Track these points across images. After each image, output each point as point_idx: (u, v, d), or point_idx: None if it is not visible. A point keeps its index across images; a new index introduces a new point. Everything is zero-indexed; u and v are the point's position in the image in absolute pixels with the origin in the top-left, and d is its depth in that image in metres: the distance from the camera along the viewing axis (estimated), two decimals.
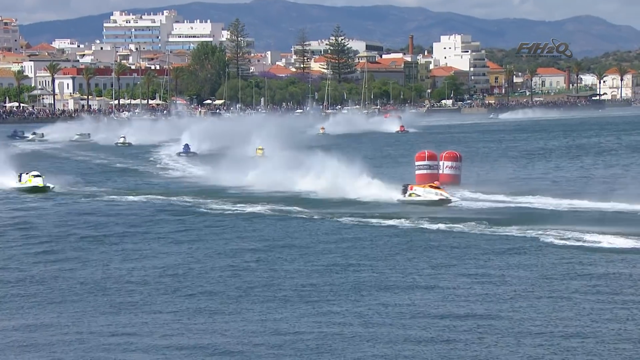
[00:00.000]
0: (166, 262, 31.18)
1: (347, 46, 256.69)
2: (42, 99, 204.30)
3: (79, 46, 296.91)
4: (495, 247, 32.77)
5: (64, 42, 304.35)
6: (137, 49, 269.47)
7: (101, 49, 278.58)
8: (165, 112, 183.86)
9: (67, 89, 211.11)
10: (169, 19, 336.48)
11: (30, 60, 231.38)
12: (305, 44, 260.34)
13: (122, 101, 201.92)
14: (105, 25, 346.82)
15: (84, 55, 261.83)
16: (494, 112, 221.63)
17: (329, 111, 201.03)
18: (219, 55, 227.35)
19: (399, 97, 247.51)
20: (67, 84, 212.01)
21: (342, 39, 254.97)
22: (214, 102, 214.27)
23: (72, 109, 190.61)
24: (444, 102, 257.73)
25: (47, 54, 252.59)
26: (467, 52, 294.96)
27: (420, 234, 36.02)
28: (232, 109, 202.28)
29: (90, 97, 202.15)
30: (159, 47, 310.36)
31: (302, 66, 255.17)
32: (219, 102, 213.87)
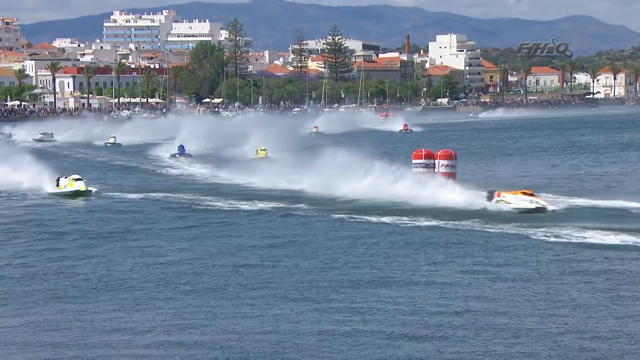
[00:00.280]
0: (168, 258, 31.29)
1: (344, 45, 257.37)
2: (43, 97, 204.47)
3: (79, 45, 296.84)
4: (492, 244, 32.92)
5: (65, 42, 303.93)
6: (136, 48, 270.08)
7: (101, 48, 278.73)
8: (164, 110, 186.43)
9: (68, 87, 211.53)
10: (168, 18, 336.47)
11: (31, 59, 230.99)
12: (302, 44, 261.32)
13: (122, 100, 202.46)
14: (105, 24, 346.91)
15: (84, 54, 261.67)
16: (473, 111, 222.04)
17: (325, 109, 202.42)
18: (218, 54, 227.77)
19: (395, 95, 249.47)
20: (68, 83, 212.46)
21: (339, 39, 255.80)
22: (213, 101, 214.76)
23: (73, 108, 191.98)
24: (439, 100, 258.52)
25: (47, 53, 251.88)
26: (463, 51, 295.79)
27: (419, 231, 36.08)
28: (230, 107, 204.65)
29: (90, 95, 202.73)
30: (159, 46, 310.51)
31: (299, 65, 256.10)
32: (217, 100, 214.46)
